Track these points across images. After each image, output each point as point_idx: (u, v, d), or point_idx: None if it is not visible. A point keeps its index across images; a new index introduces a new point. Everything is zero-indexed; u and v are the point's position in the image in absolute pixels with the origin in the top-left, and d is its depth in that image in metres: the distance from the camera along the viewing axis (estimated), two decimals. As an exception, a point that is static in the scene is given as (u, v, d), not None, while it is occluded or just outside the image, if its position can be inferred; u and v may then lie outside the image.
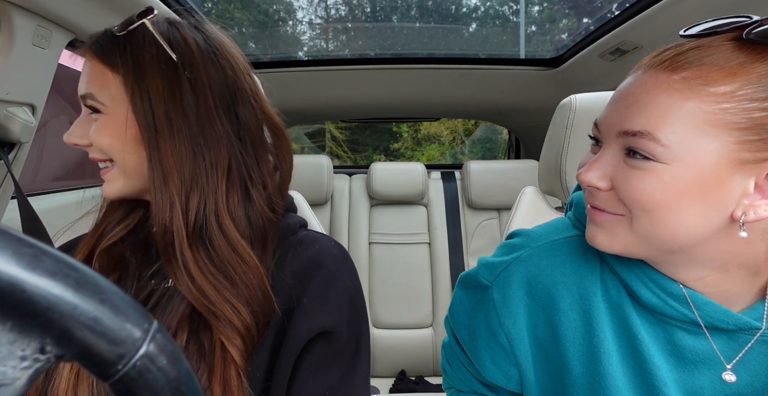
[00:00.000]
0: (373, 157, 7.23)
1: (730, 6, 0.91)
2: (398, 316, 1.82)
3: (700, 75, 0.40)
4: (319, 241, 0.60)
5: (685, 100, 0.40)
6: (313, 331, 0.54)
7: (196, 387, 0.22)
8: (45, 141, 1.46)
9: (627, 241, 0.45)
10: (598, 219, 0.46)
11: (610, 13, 1.37)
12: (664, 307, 0.47)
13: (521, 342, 0.54)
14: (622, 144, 0.44)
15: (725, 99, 0.39)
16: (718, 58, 0.40)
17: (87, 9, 0.81)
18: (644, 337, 0.48)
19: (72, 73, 1.28)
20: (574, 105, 0.89)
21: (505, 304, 0.55)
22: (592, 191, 0.46)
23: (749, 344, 0.45)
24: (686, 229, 0.42)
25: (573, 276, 0.53)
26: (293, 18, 2.55)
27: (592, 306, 0.51)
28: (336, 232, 1.90)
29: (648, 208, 0.42)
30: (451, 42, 2.36)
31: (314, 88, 1.83)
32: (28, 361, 0.19)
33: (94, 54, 0.52)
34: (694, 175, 0.40)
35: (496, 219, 1.94)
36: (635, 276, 0.48)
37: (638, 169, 0.42)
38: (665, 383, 0.47)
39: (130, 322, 0.20)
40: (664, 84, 0.42)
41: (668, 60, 0.42)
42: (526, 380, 0.55)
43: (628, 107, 0.43)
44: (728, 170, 0.40)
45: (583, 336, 0.51)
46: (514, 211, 1.02)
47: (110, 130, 0.52)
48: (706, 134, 0.40)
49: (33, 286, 0.18)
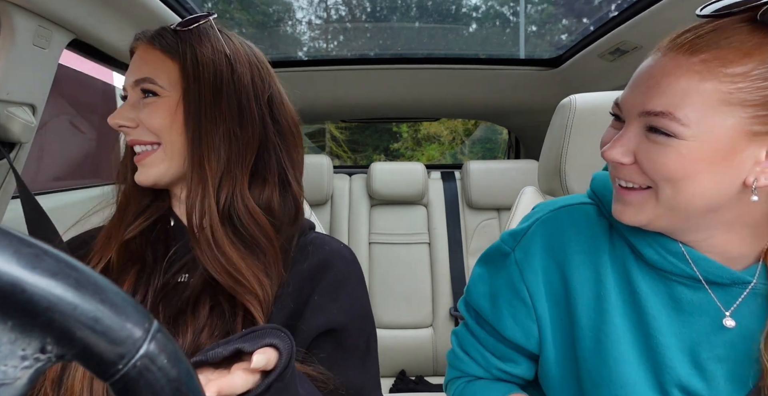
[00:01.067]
0: (373, 157, 7.23)
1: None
2: (398, 316, 1.82)
3: (718, 57, 0.43)
4: (329, 242, 0.64)
5: (704, 81, 0.43)
6: (321, 327, 0.57)
7: (197, 387, 0.22)
8: (45, 141, 1.46)
9: (653, 214, 0.49)
10: (628, 198, 0.50)
11: (610, 13, 1.37)
12: (664, 263, 0.52)
13: (541, 296, 0.59)
14: (643, 122, 0.47)
15: (741, 79, 0.42)
16: (734, 41, 0.43)
17: (87, 9, 0.81)
18: (645, 291, 0.53)
19: (72, 73, 1.28)
20: (573, 105, 0.90)
21: (527, 261, 0.60)
22: (616, 166, 0.50)
23: (743, 295, 0.50)
24: (704, 195, 0.46)
25: (585, 235, 0.58)
26: (293, 18, 2.55)
27: (600, 263, 0.56)
28: (336, 232, 1.90)
29: (670, 178, 0.46)
30: (451, 42, 2.36)
31: (314, 88, 1.83)
32: (28, 361, 0.19)
33: (156, 44, 0.59)
34: (711, 148, 0.44)
35: (496, 219, 1.94)
36: (641, 238, 0.53)
37: (659, 145, 0.46)
38: (662, 332, 0.52)
39: (131, 322, 0.20)
40: (684, 66, 0.44)
41: (688, 43, 0.45)
42: (544, 336, 0.59)
43: (649, 89, 0.46)
44: (742, 142, 0.44)
45: (591, 290, 0.56)
46: (514, 211, 1.02)
47: (164, 112, 0.57)
48: (722, 112, 0.43)
49: (33, 286, 0.18)
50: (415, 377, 1.78)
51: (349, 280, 0.61)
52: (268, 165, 0.61)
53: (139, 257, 0.59)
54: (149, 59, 0.58)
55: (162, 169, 0.58)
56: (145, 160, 0.58)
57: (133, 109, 0.58)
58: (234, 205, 0.57)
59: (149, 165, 0.58)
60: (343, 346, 0.59)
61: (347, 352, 0.59)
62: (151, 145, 0.58)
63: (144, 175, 0.58)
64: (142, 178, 0.58)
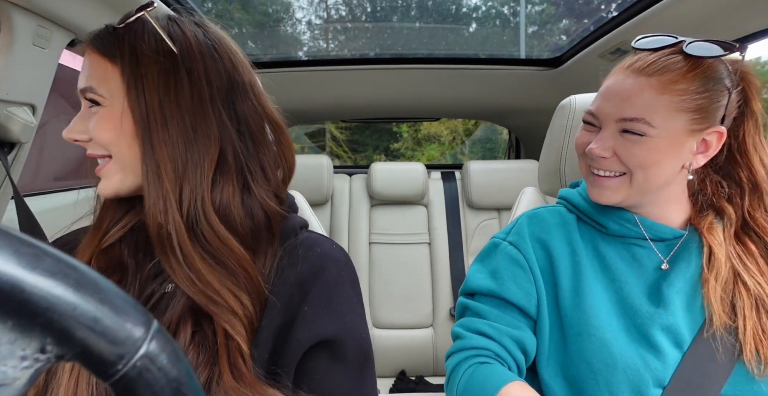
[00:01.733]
0: (373, 157, 7.23)
1: (725, 6, 0.91)
2: (398, 316, 1.82)
3: (668, 78, 0.61)
4: (321, 243, 0.60)
5: (661, 94, 0.61)
6: (313, 339, 0.53)
7: (197, 387, 0.22)
8: (45, 140, 1.46)
9: (626, 193, 0.67)
10: (606, 183, 0.67)
11: (610, 13, 1.37)
12: (623, 230, 0.71)
13: (534, 263, 0.72)
14: (619, 126, 0.64)
15: (683, 93, 0.61)
16: (675, 66, 0.61)
17: (87, 9, 0.81)
18: (611, 255, 0.70)
19: (72, 73, 1.28)
20: (573, 105, 0.90)
21: (520, 240, 0.75)
22: (599, 160, 0.66)
23: (677, 246, 0.69)
24: (664, 177, 0.65)
25: (560, 223, 0.75)
26: (293, 18, 2.54)
27: (573, 242, 0.73)
28: (336, 232, 1.90)
29: (642, 165, 0.63)
30: (451, 42, 2.36)
31: (314, 88, 1.83)
32: (28, 361, 0.19)
33: (94, 47, 0.53)
34: (669, 142, 0.62)
35: (496, 219, 1.94)
36: (604, 216, 0.72)
37: (633, 142, 0.63)
38: (626, 281, 0.68)
39: (131, 322, 0.20)
40: (646, 84, 0.62)
41: (645, 67, 0.63)
42: (540, 297, 0.71)
43: (622, 101, 0.63)
44: (685, 137, 0.63)
45: (570, 261, 0.72)
46: (514, 211, 1.02)
47: (109, 123, 0.52)
48: (675, 116, 0.61)
49: (33, 286, 0.18)
50: (415, 377, 1.78)
51: (342, 285, 0.57)
52: (229, 170, 0.55)
53: (120, 265, 0.55)
54: (90, 65, 0.53)
55: (117, 182, 0.54)
56: (101, 173, 0.54)
57: (84, 121, 0.53)
58: (197, 217, 0.52)
59: (105, 177, 0.54)
60: (339, 357, 0.55)
61: (343, 363, 0.55)
62: (103, 157, 0.54)
63: (102, 187, 0.55)
64: (101, 189, 0.55)
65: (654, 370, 0.61)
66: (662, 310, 0.64)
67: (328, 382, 0.54)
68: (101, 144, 0.53)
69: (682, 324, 0.64)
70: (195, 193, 0.52)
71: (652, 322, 0.64)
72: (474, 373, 0.67)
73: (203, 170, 0.53)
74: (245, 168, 0.56)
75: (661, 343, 0.63)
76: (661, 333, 0.63)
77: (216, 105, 0.54)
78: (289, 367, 0.53)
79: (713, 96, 0.61)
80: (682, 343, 0.63)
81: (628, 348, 0.63)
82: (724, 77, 0.62)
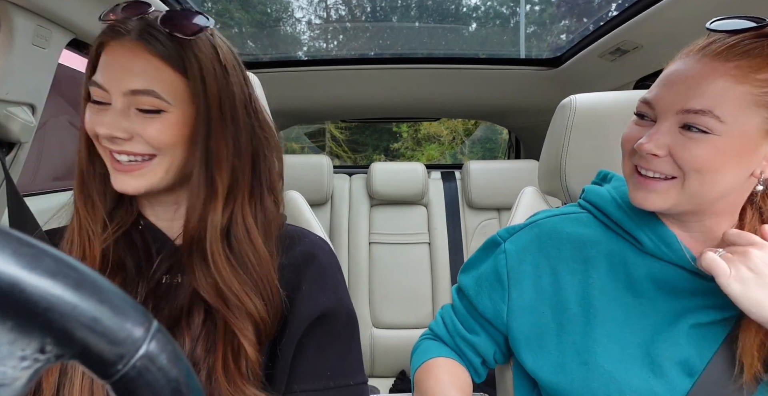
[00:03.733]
0: (373, 157, 7.23)
1: (730, 5, 0.91)
2: (398, 316, 1.82)
3: (750, 64, 0.50)
4: (307, 235, 0.66)
5: (738, 84, 0.50)
6: (313, 314, 0.58)
7: (197, 387, 0.22)
8: (45, 141, 1.46)
9: (676, 200, 0.55)
10: (653, 186, 0.56)
11: (610, 13, 1.37)
12: (659, 251, 0.60)
13: (520, 284, 0.66)
14: (680, 119, 0.53)
15: (766, 84, 0.50)
16: (761, 52, 0.50)
17: (87, 9, 0.81)
18: (641, 274, 0.61)
19: (72, 73, 1.27)
20: (574, 105, 0.89)
21: (516, 253, 0.68)
22: (649, 158, 0.55)
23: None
24: (724, 185, 0.53)
25: (576, 235, 0.66)
26: (293, 18, 2.55)
27: (590, 256, 0.64)
28: (336, 232, 1.90)
29: (701, 170, 0.52)
30: (450, 42, 2.36)
31: (314, 88, 1.83)
32: (27, 361, 0.19)
33: (156, 53, 0.53)
34: (739, 143, 0.51)
35: (496, 219, 1.94)
36: (641, 230, 0.61)
37: (695, 140, 0.52)
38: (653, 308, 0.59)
39: (130, 322, 0.20)
40: (720, 70, 0.51)
41: (723, 50, 0.51)
42: (511, 317, 0.66)
43: (687, 89, 0.52)
44: (761, 139, 0.51)
45: (580, 279, 0.63)
46: (514, 212, 1.02)
47: (174, 129, 0.53)
48: (752, 112, 0.50)
49: (33, 286, 0.18)
50: (415, 377, 1.77)
51: (332, 268, 0.63)
52: (262, 175, 0.59)
53: (120, 266, 0.56)
54: (150, 69, 0.52)
55: (156, 180, 0.55)
56: (137, 172, 0.54)
57: (127, 119, 0.52)
58: (234, 222, 0.55)
59: (142, 175, 0.54)
60: (331, 331, 0.60)
61: (334, 337, 0.60)
62: (143, 156, 0.54)
63: (137, 184, 0.54)
64: (133, 187, 0.54)
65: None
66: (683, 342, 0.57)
67: (322, 356, 0.59)
68: (155, 145, 0.54)
69: (695, 353, 0.57)
70: (236, 197, 0.56)
71: (669, 354, 0.57)
72: (420, 344, 0.76)
73: (244, 176, 0.57)
74: (264, 177, 0.60)
75: (674, 376, 0.57)
76: (675, 366, 0.57)
77: (248, 115, 0.58)
78: (291, 345, 0.57)
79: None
80: (694, 372, 0.57)
81: (639, 382, 0.57)
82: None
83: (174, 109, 0.53)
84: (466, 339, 0.72)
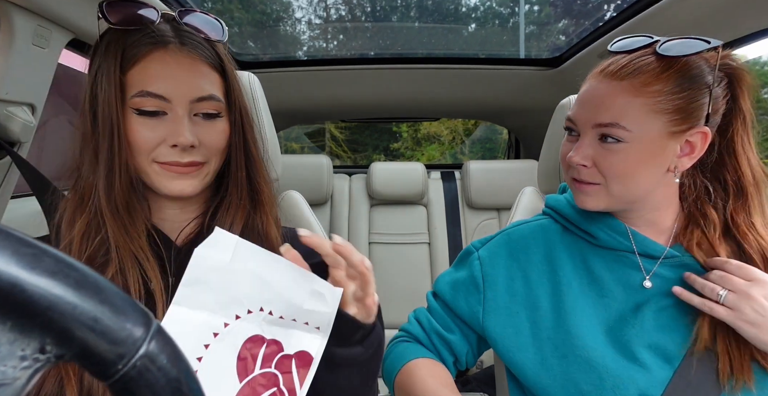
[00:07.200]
0: (373, 156, 7.22)
1: (723, 6, 0.91)
2: (398, 316, 1.81)
3: (640, 80, 0.59)
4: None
5: (635, 98, 0.59)
6: None
7: (197, 387, 0.22)
8: (46, 140, 1.46)
9: (608, 201, 0.64)
10: (586, 189, 0.65)
11: (610, 13, 1.37)
12: (612, 241, 0.68)
13: (495, 287, 0.72)
14: (596, 132, 0.62)
15: (658, 94, 0.59)
16: (648, 68, 0.59)
17: (87, 9, 0.81)
18: (600, 267, 0.68)
19: (72, 73, 1.27)
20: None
21: (490, 259, 0.74)
22: (579, 169, 0.64)
23: (658, 262, 0.66)
24: (645, 185, 0.62)
25: (541, 239, 0.74)
26: (292, 17, 2.55)
27: (556, 259, 0.71)
28: (336, 232, 1.90)
29: (620, 175, 0.61)
30: (450, 42, 2.36)
31: (314, 88, 1.83)
32: (28, 361, 0.19)
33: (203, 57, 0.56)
34: (648, 147, 0.60)
35: (496, 219, 1.94)
36: (594, 225, 0.69)
37: (611, 150, 0.61)
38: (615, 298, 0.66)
39: (131, 322, 0.20)
40: (618, 88, 0.60)
41: (616, 71, 0.61)
42: (486, 318, 0.71)
43: (596, 106, 0.61)
44: (665, 140, 0.60)
45: (549, 282, 0.70)
46: (514, 211, 1.02)
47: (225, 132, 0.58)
48: (651, 119, 0.59)
49: (33, 286, 0.18)
50: (414, 377, 1.77)
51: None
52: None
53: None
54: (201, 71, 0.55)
55: (208, 180, 0.59)
56: (195, 172, 0.56)
57: (195, 126, 0.55)
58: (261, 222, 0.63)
59: (196, 178, 0.57)
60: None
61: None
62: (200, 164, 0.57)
63: (194, 186, 0.56)
64: (192, 188, 0.56)
65: (643, 389, 0.59)
66: (648, 327, 0.63)
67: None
68: (213, 150, 0.57)
69: (669, 340, 0.62)
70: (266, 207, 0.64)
71: (639, 339, 0.62)
72: (395, 348, 0.78)
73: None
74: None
75: (648, 360, 0.61)
76: (647, 350, 0.62)
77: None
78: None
79: (692, 95, 0.59)
80: (672, 359, 0.61)
81: (615, 367, 0.61)
82: (705, 75, 0.59)
83: (225, 111, 0.58)
84: (442, 336, 0.75)
